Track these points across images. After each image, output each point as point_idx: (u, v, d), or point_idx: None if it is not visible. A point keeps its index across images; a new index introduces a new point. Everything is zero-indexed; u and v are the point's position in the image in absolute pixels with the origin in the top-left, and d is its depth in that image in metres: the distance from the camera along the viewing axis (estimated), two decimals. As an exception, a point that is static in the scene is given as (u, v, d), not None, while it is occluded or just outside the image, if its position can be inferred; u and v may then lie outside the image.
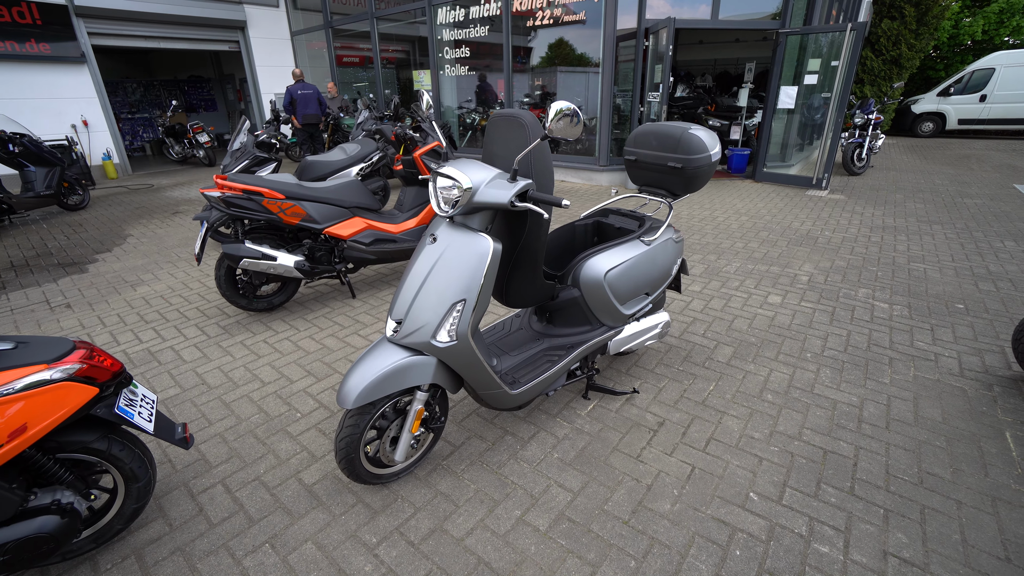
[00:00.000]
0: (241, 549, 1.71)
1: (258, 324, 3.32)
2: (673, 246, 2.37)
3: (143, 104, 11.77)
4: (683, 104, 8.97)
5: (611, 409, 2.40)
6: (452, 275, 1.66)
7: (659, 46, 6.05)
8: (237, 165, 4.56)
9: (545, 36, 7.52)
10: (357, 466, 1.77)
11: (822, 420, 2.30)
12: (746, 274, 3.97)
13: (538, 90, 7.93)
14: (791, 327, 3.14)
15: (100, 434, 1.57)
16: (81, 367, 1.45)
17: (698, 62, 14.05)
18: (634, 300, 2.24)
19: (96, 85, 8.15)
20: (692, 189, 2.35)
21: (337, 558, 1.67)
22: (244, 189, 2.98)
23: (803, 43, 6.61)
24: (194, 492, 1.96)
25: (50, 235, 5.48)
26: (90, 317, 3.49)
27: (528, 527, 1.77)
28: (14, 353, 1.41)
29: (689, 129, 2.23)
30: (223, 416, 2.41)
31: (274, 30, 10.31)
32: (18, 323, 3.44)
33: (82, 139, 8.11)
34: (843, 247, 4.56)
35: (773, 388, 2.54)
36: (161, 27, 8.75)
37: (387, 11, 9.06)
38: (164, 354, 2.99)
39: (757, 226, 5.21)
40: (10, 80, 7.40)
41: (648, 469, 2.02)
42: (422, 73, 9.24)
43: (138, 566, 1.66)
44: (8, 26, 7.25)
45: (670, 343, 2.98)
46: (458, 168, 1.65)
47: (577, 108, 1.52)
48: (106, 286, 4.03)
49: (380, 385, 1.65)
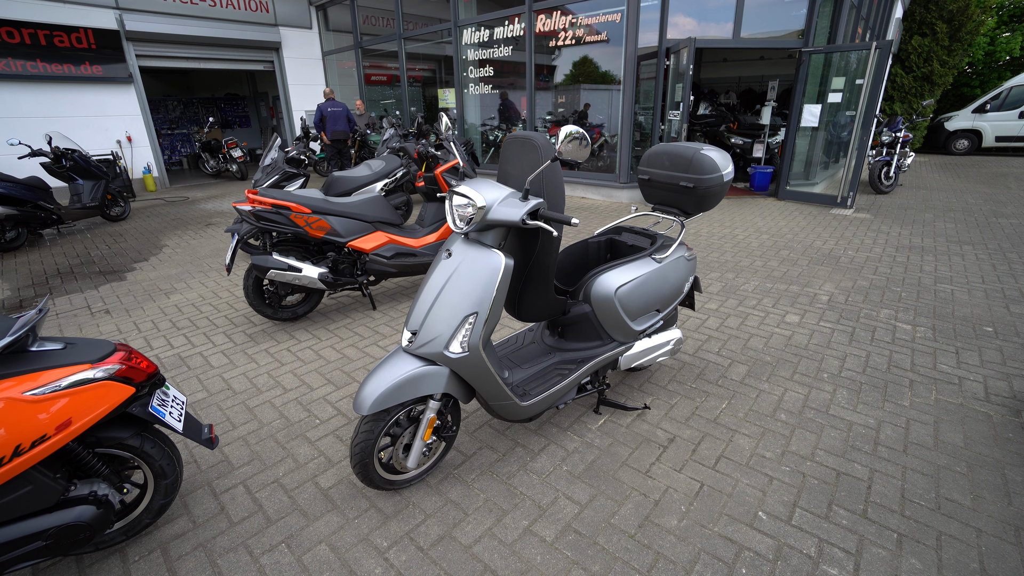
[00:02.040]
0: (259, 548, 1.79)
1: (282, 333, 3.46)
2: (685, 264, 2.40)
3: (182, 120, 12.42)
4: (706, 122, 8.98)
5: (622, 424, 2.41)
6: (465, 289, 1.73)
7: (680, 65, 6.11)
8: (268, 180, 4.78)
9: (567, 55, 7.67)
10: (371, 471, 1.84)
11: (836, 441, 2.27)
12: (764, 293, 3.94)
13: (561, 107, 8.07)
14: (808, 347, 3.11)
15: (134, 431, 1.68)
16: (120, 367, 1.57)
17: (722, 80, 14.06)
18: (645, 317, 2.27)
19: (140, 103, 8.66)
20: (704, 208, 2.38)
21: (349, 560, 1.73)
22: (273, 203, 3.14)
23: (827, 61, 6.59)
24: (217, 492, 2.06)
25: (93, 244, 5.81)
26: (127, 322, 3.69)
27: (535, 537, 1.80)
28: (62, 353, 1.54)
29: (701, 150, 2.27)
30: (246, 420, 2.52)
31: (306, 50, 10.79)
32: (62, 327, 3.66)
33: (125, 154, 8.61)
34: (866, 267, 4.48)
35: (787, 408, 2.52)
36: (202, 48, 9.27)
37: (414, 32, 9.39)
38: (193, 359, 3.14)
39: (777, 244, 5.16)
40: (65, 99, 7.94)
41: (656, 485, 2.03)
42: (447, 91, 9.51)
43: (163, 559, 1.75)
44: (67, 50, 7.81)
45: (683, 360, 2.99)
46: (473, 187, 1.73)
47: (585, 132, 1.59)
48: (142, 293, 4.25)
49: (394, 393, 1.73)
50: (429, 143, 3.72)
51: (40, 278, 4.71)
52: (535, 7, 7.40)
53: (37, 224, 5.68)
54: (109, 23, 8.11)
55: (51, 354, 1.51)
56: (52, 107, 7.87)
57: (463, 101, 9.18)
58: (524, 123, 8.45)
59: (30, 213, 5.53)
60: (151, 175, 8.90)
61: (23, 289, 4.44)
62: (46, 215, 5.67)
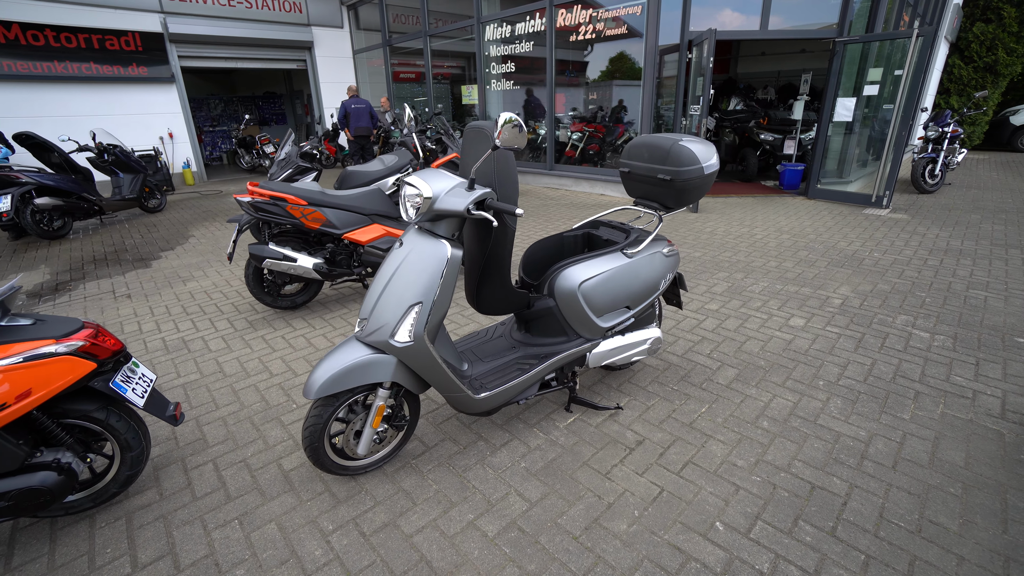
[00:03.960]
0: (213, 522, 1.86)
1: (280, 321, 3.58)
2: (662, 260, 2.31)
3: (223, 118, 13.06)
4: (736, 118, 8.63)
5: (591, 424, 2.35)
6: (411, 278, 1.73)
7: (702, 58, 5.90)
8: (282, 173, 4.94)
9: (588, 50, 7.55)
10: (322, 455, 1.87)
11: (818, 453, 2.13)
12: (772, 294, 3.75)
13: (592, 104, 7.94)
14: (808, 352, 2.93)
15: (99, 405, 1.77)
16: (83, 344, 1.66)
17: (760, 74, 13.46)
18: (613, 314, 2.20)
19: (181, 102, 9.17)
20: (684, 202, 2.29)
21: (293, 540, 1.76)
22: (271, 195, 3.25)
23: (865, 52, 6.19)
24: (188, 467, 2.15)
25: (128, 234, 6.20)
26: (143, 307, 3.92)
27: (477, 531, 1.78)
28: (31, 328, 1.64)
29: (680, 140, 2.18)
30: (229, 402, 2.62)
31: (337, 49, 11.10)
32: (87, 308, 3.92)
33: (167, 149, 9.14)
34: (891, 270, 4.19)
35: (771, 415, 2.39)
36: (239, 49, 9.71)
37: (439, 29, 9.48)
38: (195, 343, 3.29)
39: (797, 245, 4.90)
40: (112, 98, 8.51)
41: (613, 487, 1.97)
42: (470, 88, 9.56)
43: (126, 527, 1.85)
44: (117, 53, 8.36)
45: (670, 361, 2.88)
46: (423, 177, 1.72)
47: (520, 120, 1.55)
48: (163, 280, 4.50)
49: (341, 379, 1.75)
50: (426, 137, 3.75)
51: (77, 264, 5.07)
52: (556, 0, 7.32)
53: (81, 214, 6.11)
54: (154, 26, 8.61)
55: (19, 329, 1.62)
56: (103, 106, 8.45)
57: (486, 97, 9.20)
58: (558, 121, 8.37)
59: (75, 204, 5.95)
60: (190, 169, 9.41)
61: (61, 274, 4.78)
62: (89, 206, 6.09)
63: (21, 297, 4.21)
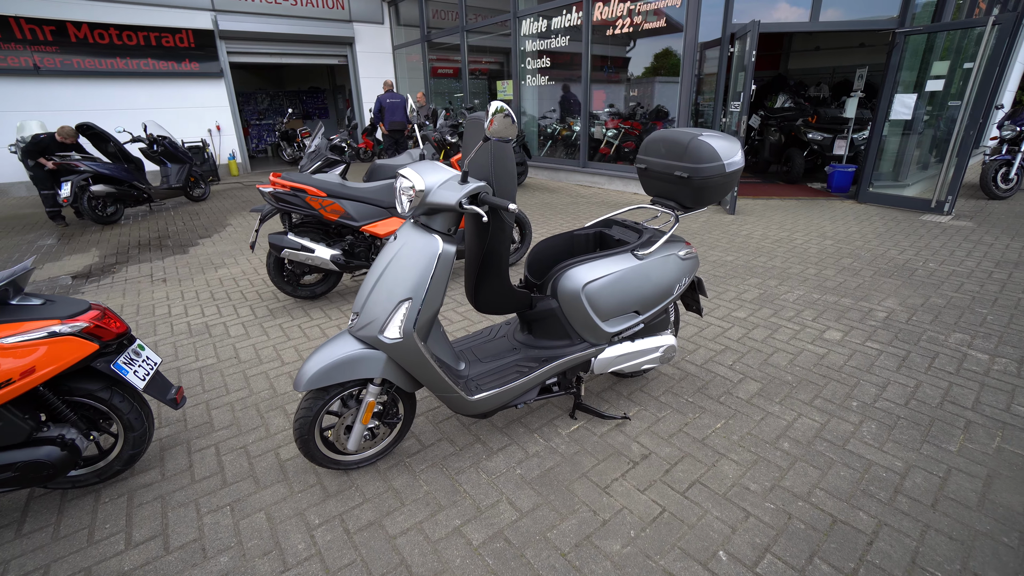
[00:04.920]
0: (207, 507, 1.88)
1: (299, 310, 3.63)
2: (676, 263, 2.16)
3: (268, 112, 13.57)
4: (782, 116, 8.16)
5: (595, 433, 2.24)
6: (402, 273, 1.68)
7: (744, 52, 5.58)
8: (312, 165, 5.04)
9: (631, 45, 7.32)
10: (312, 448, 1.86)
11: (844, 482, 1.94)
12: (807, 304, 3.49)
13: (632, 100, 7.72)
14: (843, 369, 2.70)
15: (103, 385, 1.82)
16: (87, 326, 1.71)
17: (814, 71, 12.71)
18: (620, 318, 2.08)
19: (229, 96, 9.57)
20: (704, 202, 2.13)
21: (279, 532, 1.75)
22: (291, 186, 3.29)
23: (930, 44, 5.68)
24: (192, 449, 2.19)
25: (172, 221, 6.51)
26: (175, 291, 4.08)
27: (462, 539, 1.72)
28: (41, 308, 1.70)
29: (700, 135, 2.03)
30: (240, 387, 2.67)
31: (377, 44, 11.29)
32: (125, 290, 4.12)
33: (214, 141, 9.57)
34: (948, 282, 3.82)
35: (794, 436, 2.20)
36: (283, 45, 10.04)
37: (476, 24, 9.46)
38: (217, 328, 3.39)
39: (841, 252, 4.56)
40: (166, 92, 8.98)
41: (611, 503, 1.86)
42: (505, 83, 9.49)
43: (126, 505, 1.89)
44: (172, 49, 8.81)
45: (686, 370, 2.72)
46: (417, 170, 1.67)
47: (510, 107, 1.46)
48: (197, 266, 4.68)
49: (330, 373, 1.72)
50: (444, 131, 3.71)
51: (124, 248, 5.36)
52: (595, -6, 7.13)
53: (132, 202, 6.46)
54: (206, 24, 9.02)
55: (29, 308, 1.68)
56: (157, 99, 8.94)
57: (520, 93, 9.10)
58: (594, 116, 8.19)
59: (126, 192, 6.30)
60: (235, 161, 9.82)
61: (107, 257, 5.07)
62: (139, 194, 6.43)
63: (65, 281, 4.48)
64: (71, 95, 8.33)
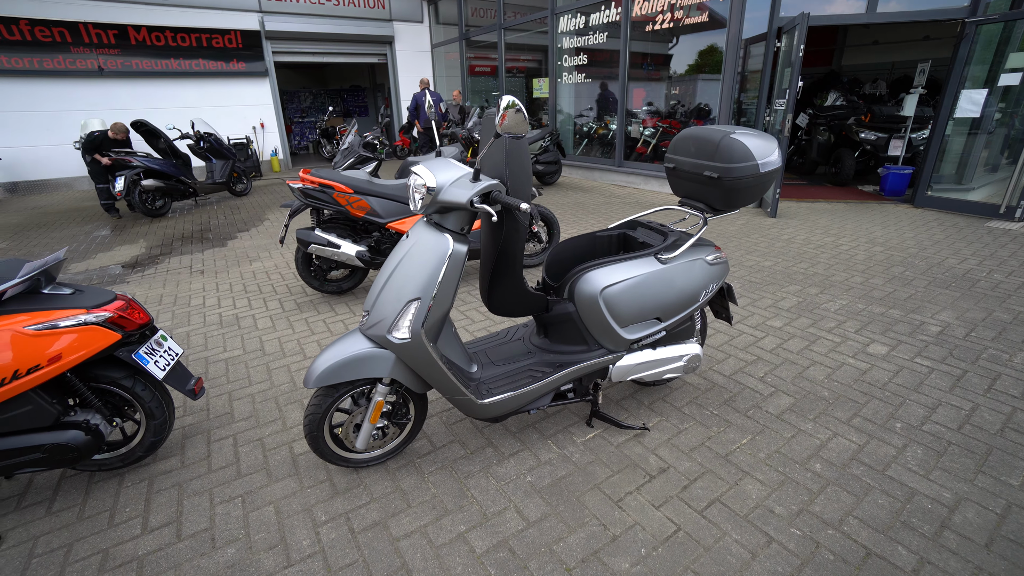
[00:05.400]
0: (220, 497, 1.91)
1: (324, 305, 3.69)
2: (704, 268, 2.04)
3: (311, 109, 14.00)
4: (833, 114, 7.71)
5: (612, 443, 2.15)
6: (412, 273, 1.65)
7: (791, 47, 5.29)
8: (345, 162, 5.14)
9: (674, 41, 7.10)
10: (321, 444, 1.86)
11: (882, 511, 1.77)
12: (850, 314, 3.25)
13: (673, 99, 7.50)
14: (887, 386, 2.49)
15: (127, 373, 1.88)
16: (111, 316, 1.76)
17: (870, 66, 11.96)
18: (640, 325, 1.98)
19: (273, 94, 9.91)
20: (735, 204, 2.01)
21: (286, 527, 1.76)
22: (320, 183, 3.34)
23: (1006, 34, 5.21)
24: (211, 439, 2.25)
25: (214, 215, 6.79)
26: (211, 283, 4.24)
27: (465, 545, 1.67)
28: (70, 297, 1.77)
29: (732, 133, 1.91)
30: (262, 380, 2.73)
31: (416, 43, 11.42)
32: (165, 281, 4.32)
33: (257, 138, 9.94)
34: (1016, 296, 3.48)
35: (827, 457, 2.04)
36: (325, 44, 10.31)
37: (514, 22, 9.41)
38: (246, 320, 3.49)
39: (892, 259, 4.24)
40: (213, 91, 9.39)
41: (623, 518, 1.77)
42: (541, 81, 9.40)
43: (146, 490, 1.96)
44: (220, 50, 9.21)
45: (714, 381, 2.58)
46: (429, 167, 1.63)
47: (522, 104, 1.40)
48: (233, 259, 4.85)
49: (338, 371, 1.71)
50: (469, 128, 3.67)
51: (168, 240, 5.63)
52: (634, -12, 6.94)
53: (178, 196, 6.78)
54: (253, 25, 9.37)
55: (59, 297, 1.75)
56: (206, 97, 9.36)
57: (557, 91, 9.00)
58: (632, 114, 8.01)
59: (174, 186, 6.62)
60: (277, 157, 10.17)
61: (153, 248, 5.33)
62: (185, 188, 6.74)
63: (115, 270, 4.73)
64: (129, 94, 8.84)
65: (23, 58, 8.10)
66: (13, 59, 8.05)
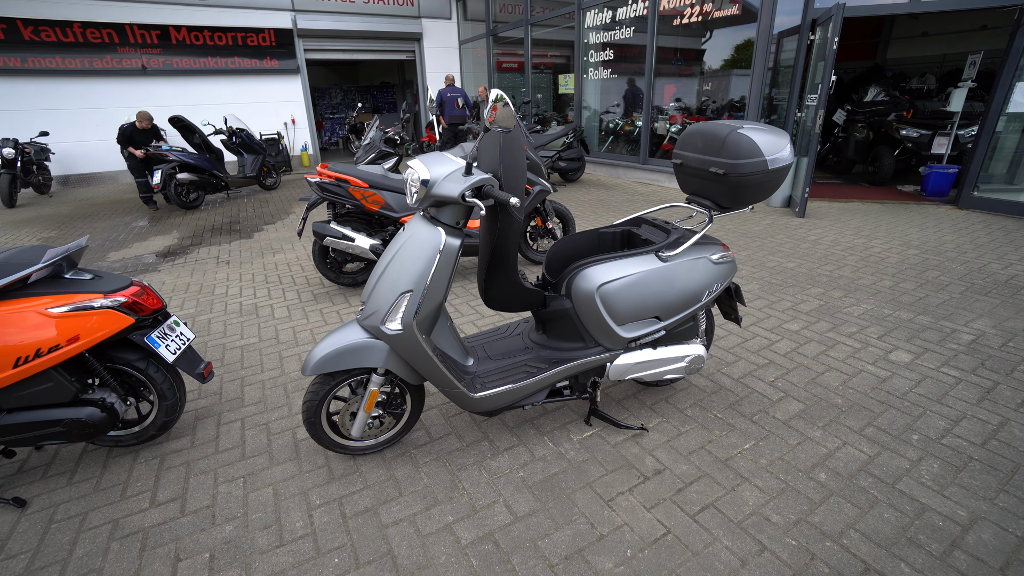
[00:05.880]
0: (224, 477, 1.99)
1: (339, 296, 3.78)
2: (708, 267, 1.99)
3: (342, 106, 14.32)
4: (872, 110, 7.35)
5: (609, 442, 2.13)
6: (405, 265, 1.67)
7: (825, 39, 5.06)
8: (367, 157, 5.23)
9: (694, 35, 6.91)
10: (318, 430, 1.91)
11: (887, 526, 1.69)
12: (874, 320, 3.10)
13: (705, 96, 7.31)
14: (907, 396, 2.37)
15: (141, 356, 1.98)
16: (126, 301, 1.86)
17: (918, 59, 11.32)
18: (638, 323, 1.94)
19: (304, 91, 10.18)
20: (742, 202, 1.94)
21: (281, 508, 1.82)
22: (336, 177, 3.42)
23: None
24: (221, 422, 2.34)
25: (244, 208, 7.04)
26: (235, 273, 4.40)
27: (451, 536, 1.69)
28: (89, 282, 1.87)
29: (740, 128, 1.84)
30: (274, 367, 2.82)
31: (444, 40, 11.51)
32: (193, 270, 4.51)
33: (288, 134, 10.24)
34: (1061, 305, 3.24)
35: (834, 467, 1.96)
36: (355, 42, 10.52)
37: (540, 17, 9.35)
38: (264, 309, 3.61)
39: (927, 263, 4.02)
40: (246, 88, 9.73)
41: (612, 517, 1.75)
42: (567, 77, 9.32)
43: (157, 467, 2.06)
44: (254, 48, 9.52)
45: (720, 383, 2.51)
46: (424, 160, 1.64)
47: (508, 98, 1.39)
48: (258, 250, 5.02)
49: (335, 359, 1.76)
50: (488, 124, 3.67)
51: (199, 232, 5.87)
52: (662, -19, 6.79)
53: (211, 189, 7.07)
54: (286, 23, 9.64)
55: (79, 282, 1.85)
56: (239, 94, 9.70)
57: (582, 87, 8.90)
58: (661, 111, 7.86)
59: (207, 180, 6.90)
60: (307, 152, 10.46)
61: (184, 239, 5.58)
62: (217, 181, 7.02)
63: (148, 259, 4.97)
64: (170, 92, 9.25)
65: (76, 58, 8.58)
66: (67, 60, 8.54)
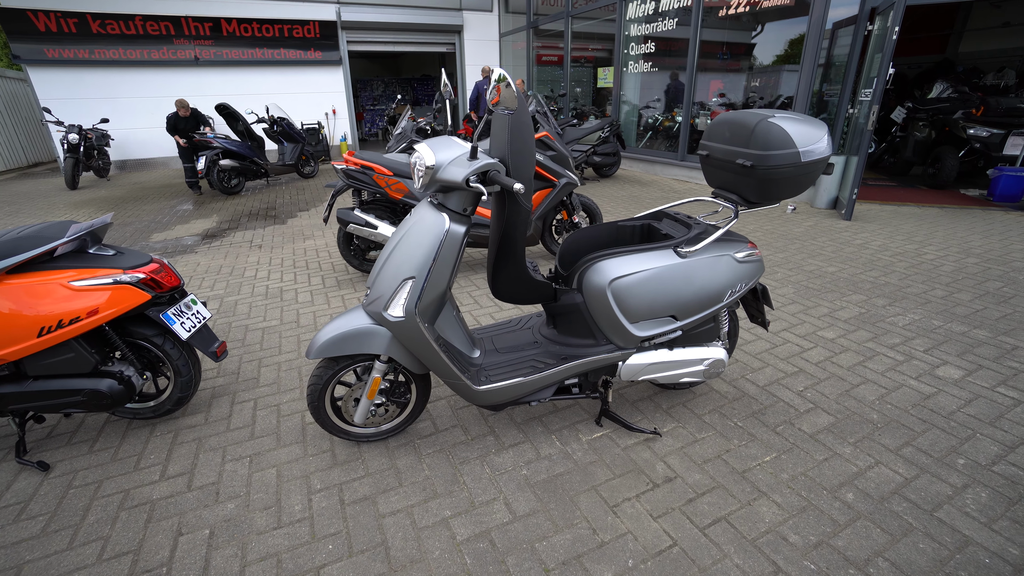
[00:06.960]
0: (231, 455, 2.03)
1: (361, 283, 3.82)
2: (731, 265, 1.86)
3: (383, 98, 14.55)
4: (936, 107, 6.81)
5: (619, 444, 2.04)
6: (409, 251, 1.63)
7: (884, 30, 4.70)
8: (398, 146, 5.26)
9: (740, 28, 6.59)
10: (322, 414, 1.91)
11: (922, 557, 1.53)
12: (921, 331, 2.86)
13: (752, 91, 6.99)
14: (953, 416, 2.16)
15: (158, 331, 2.04)
16: (143, 277, 1.91)
17: (997, 52, 10.40)
18: (652, 322, 1.84)
19: (345, 82, 10.39)
20: (771, 197, 1.80)
21: (282, 491, 1.83)
22: (361, 164, 3.44)
23: None
24: (235, 401, 2.39)
25: (281, 194, 7.24)
26: (265, 257, 4.52)
27: (447, 531, 1.65)
28: (111, 258, 1.93)
29: (770, 117, 1.71)
30: (291, 350, 2.86)
31: (484, 32, 11.47)
32: (227, 253, 4.66)
33: (328, 124, 10.48)
34: None
35: (864, 487, 1.80)
36: (397, 34, 10.64)
37: (581, 10, 9.16)
38: (288, 293, 3.68)
39: (987, 273, 3.68)
40: (289, 78, 10.01)
41: (616, 524, 1.67)
42: (606, 71, 9.11)
43: (171, 441, 2.11)
44: (299, 40, 9.78)
45: (744, 390, 2.36)
46: (430, 145, 1.60)
47: (510, 77, 1.31)
48: (289, 236, 5.15)
49: (337, 344, 1.74)
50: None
51: (237, 216, 6.08)
52: (708, -31, 6.50)
53: (251, 176, 7.31)
54: (331, 16, 9.84)
55: (101, 257, 1.91)
56: (283, 85, 10.01)
57: (621, 80, 8.68)
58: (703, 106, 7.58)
59: (248, 167, 7.14)
60: (346, 143, 10.68)
61: (223, 223, 5.79)
62: (257, 168, 7.25)
63: (188, 241, 5.17)
64: (219, 82, 9.63)
65: (135, 50, 9.05)
66: (128, 51, 9.03)
